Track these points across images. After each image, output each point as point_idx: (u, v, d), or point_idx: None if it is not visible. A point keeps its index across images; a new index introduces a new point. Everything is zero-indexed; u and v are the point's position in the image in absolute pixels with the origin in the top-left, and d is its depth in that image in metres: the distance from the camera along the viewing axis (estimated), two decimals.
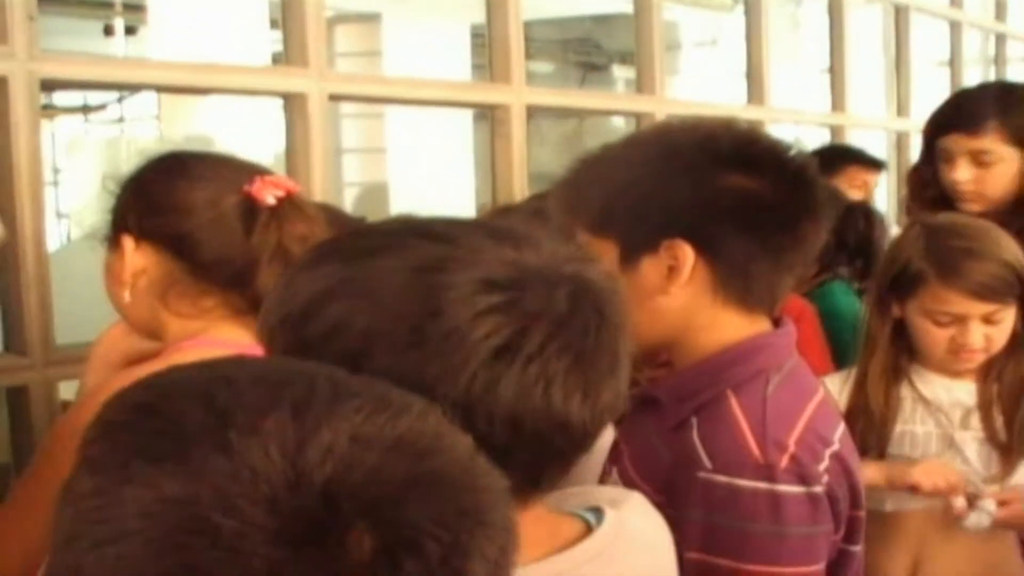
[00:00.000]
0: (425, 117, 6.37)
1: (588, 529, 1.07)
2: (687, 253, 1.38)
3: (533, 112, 3.56)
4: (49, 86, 2.43)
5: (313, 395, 0.77)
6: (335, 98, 2.91)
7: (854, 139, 5.11)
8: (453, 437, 0.79)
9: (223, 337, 1.62)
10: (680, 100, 4.09)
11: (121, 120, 9.91)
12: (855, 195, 3.69)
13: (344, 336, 0.97)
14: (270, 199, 1.63)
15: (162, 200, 1.64)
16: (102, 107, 9.64)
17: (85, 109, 10.19)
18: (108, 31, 7.85)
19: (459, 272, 0.96)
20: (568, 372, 0.96)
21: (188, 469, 0.72)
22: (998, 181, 2.60)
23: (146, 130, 10.20)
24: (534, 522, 0.98)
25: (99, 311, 2.12)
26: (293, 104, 2.85)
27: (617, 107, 4.22)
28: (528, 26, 8.30)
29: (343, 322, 0.97)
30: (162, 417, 0.76)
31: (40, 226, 2.42)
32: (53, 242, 9.69)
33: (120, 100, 9.35)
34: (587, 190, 1.50)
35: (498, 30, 3.43)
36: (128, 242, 1.64)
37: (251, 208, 1.63)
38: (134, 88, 2.38)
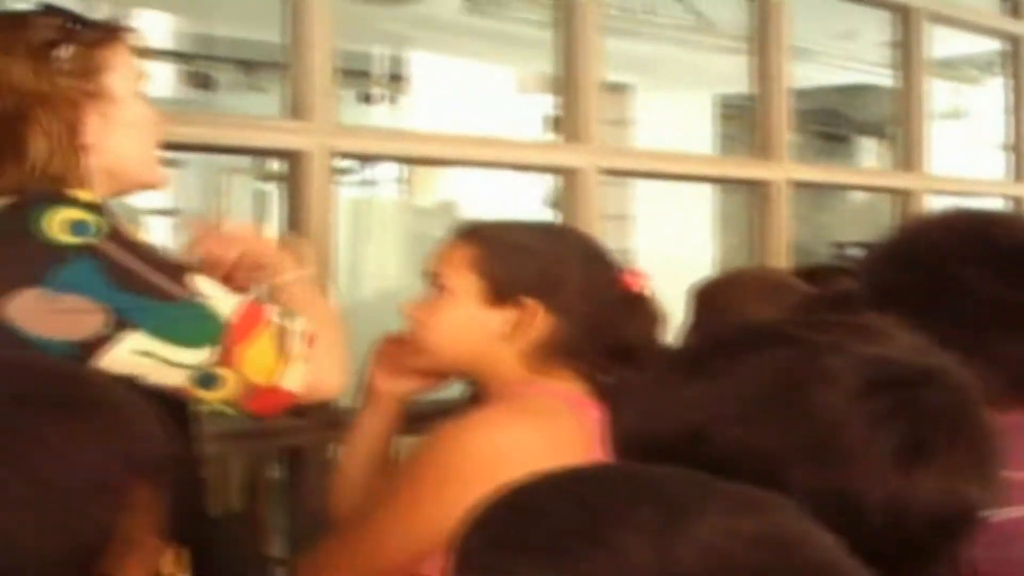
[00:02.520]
0: (672, 185, 6.41)
1: None
2: None
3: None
4: (363, 160, 2.53)
5: (681, 492, 0.79)
6: (607, 172, 2.95)
7: None
8: (819, 533, 0.80)
9: (559, 388, 1.78)
10: (943, 177, 3.99)
11: (370, 183, 10.20)
12: None
13: (709, 446, 0.98)
14: (642, 289, 1.86)
15: (581, 282, 1.82)
16: (350, 170, 9.93)
17: (335, 171, 10.48)
18: (366, 99, 8.11)
19: (835, 379, 0.96)
20: (972, 463, 0.97)
21: (564, 562, 0.75)
22: None
23: (391, 192, 10.49)
24: None
25: None
26: (568, 178, 2.91)
27: (880, 183, 4.16)
28: None
29: (709, 433, 0.99)
30: (536, 515, 0.80)
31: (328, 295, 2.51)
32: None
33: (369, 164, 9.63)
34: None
35: (764, 104, 3.44)
36: (538, 308, 1.79)
37: (629, 296, 1.86)
38: (423, 163, 2.46)
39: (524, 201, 10.08)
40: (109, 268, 1.58)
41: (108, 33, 1.78)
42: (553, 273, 1.80)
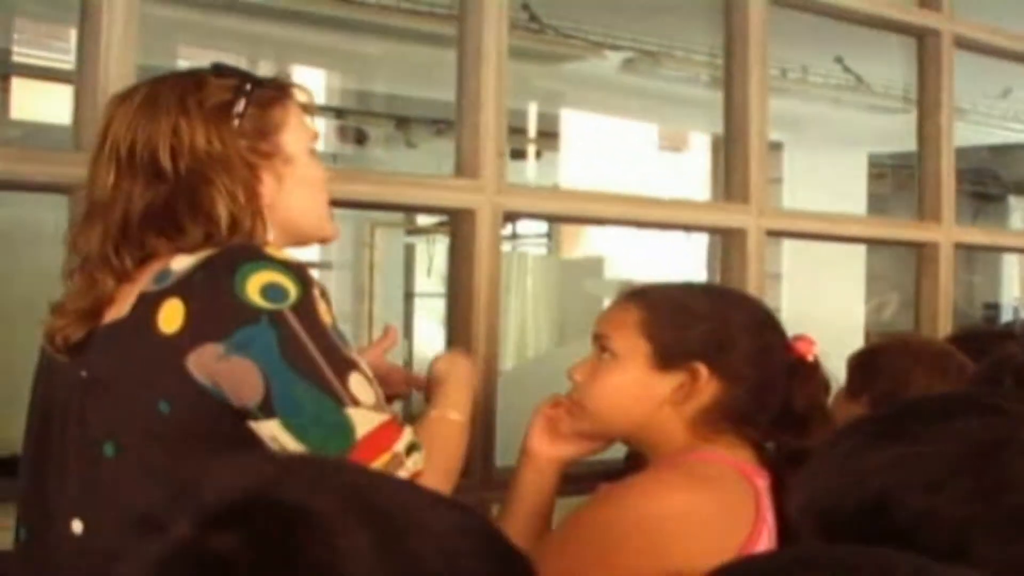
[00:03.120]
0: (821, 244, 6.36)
1: None
2: None
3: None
4: (508, 217, 2.56)
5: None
6: (771, 233, 2.94)
7: None
8: None
9: (726, 455, 1.77)
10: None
11: (515, 237, 10.29)
12: None
13: (892, 515, 0.96)
14: (810, 356, 1.86)
15: (749, 347, 1.82)
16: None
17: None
18: (515, 155, 8.19)
19: None
20: None
21: None
22: None
23: (537, 248, 10.56)
24: None
25: None
26: (731, 239, 2.90)
27: None
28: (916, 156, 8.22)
29: (894, 501, 0.96)
30: None
31: (493, 351, 2.53)
32: (438, 350, 10.09)
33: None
34: None
35: (928, 165, 3.40)
36: (703, 371, 1.78)
37: (797, 363, 1.85)
38: (589, 222, 2.48)
39: (672, 258, 10.11)
40: (285, 339, 1.59)
41: (280, 91, 1.83)
42: (722, 337, 1.80)
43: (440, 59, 5.78)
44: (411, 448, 1.66)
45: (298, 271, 1.64)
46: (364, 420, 1.61)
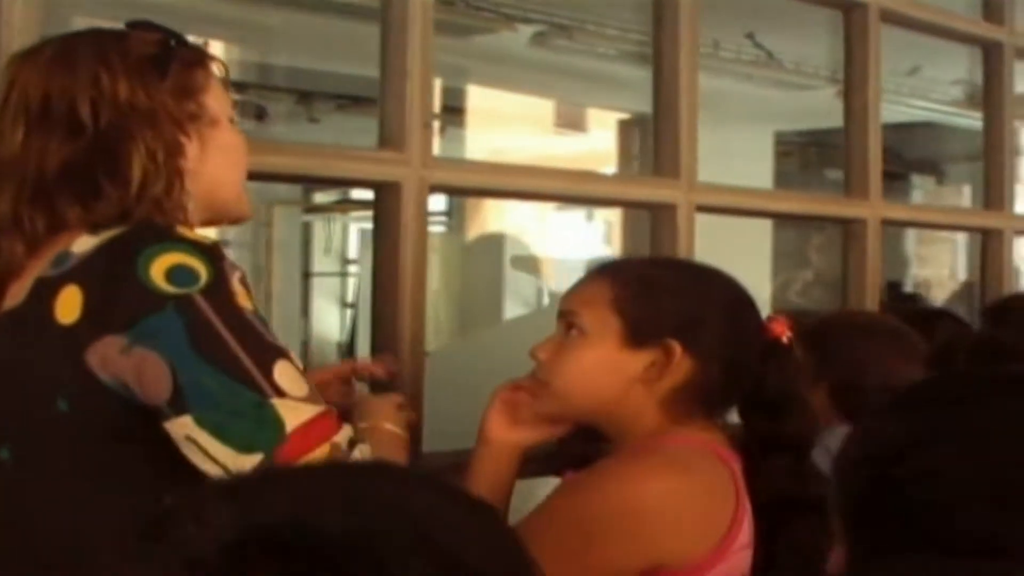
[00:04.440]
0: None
1: None
2: None
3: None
4: (433, 190, 2.44)
5: None
6: (702, 209, 2.85)
7: None
8: None
9: (701, 438, 1.68)
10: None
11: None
12: None
13: (935, 485, 0.95)
14: (784, 338, 1.77)
15: (728, 322, 1.72)
16: None
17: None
18: None
19: None
20: None
21: None
22: None
23: (436, 227, 10.44)
24: None
25: (468, 420, 2.10)
26: (662, 215, 2.82)
27: (965, 223, 4.04)
28: (827, 134, 8.21)
29: (937, 470, 0.96)
30: None
31: (420, 330, 2.42)
32: (339, 330, 9.87)
33: None
34: None
35: (855, 142, 3.34)
36: (677, 348, 1.67)
37: (773, 344, 1.77)
38: (514, 196, 2.37)
39: (578, 238, 10.05)
40: (195, 326, 1.44)
41: (201, 55, 1.69)
42: (696, 314, 1.69)
43: (345, 31, 5.64)
44: (352, 442, 1.53)
45: (210, 251, 1.48)
46: (294, 411, 1.46)
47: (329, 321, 10.86)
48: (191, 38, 1.71)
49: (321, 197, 10.93)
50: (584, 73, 6.12)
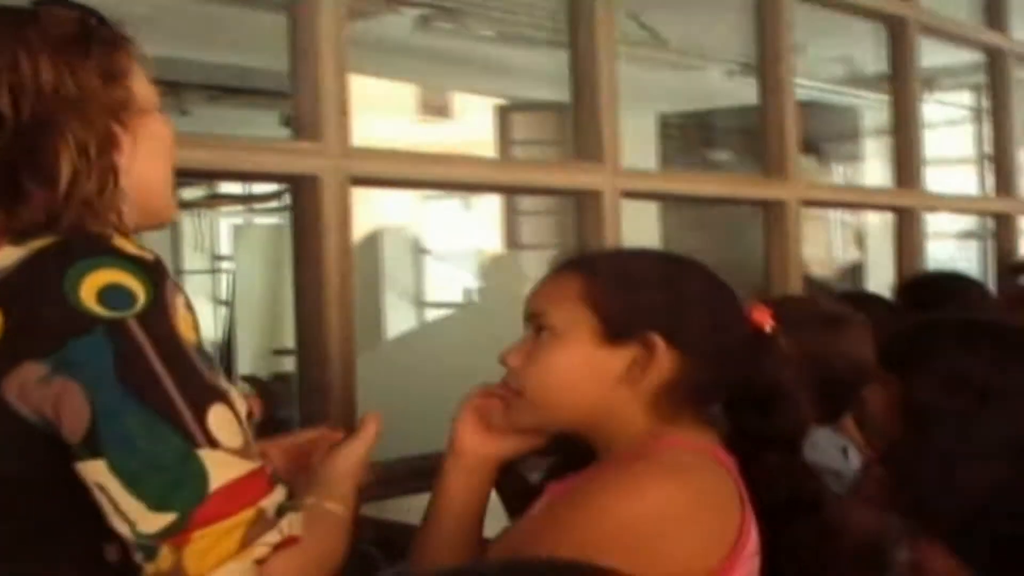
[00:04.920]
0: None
1: None
2: None
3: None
4: (355, 183, 2.27)
5: None
6: (628, 195, 2.73)
7: None
8: None
9: (696, 440, 1.53)
10: (941, 195, 3.87)
11: (287, 209, 9.93)
12: None
13: None
14: (767, 327, 1.62)
15: (710, 312, 1.57)
16: (268, 197, 9.66)
17: (250, 199, 10.23)
18: (286, 122, 7.82)
19: None
20: None
21: None
22: None
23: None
24: None
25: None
26: (586, 201, 2.69)
27: (882, 202, 3.98)
28: (708, 115, 8.19)
29: None
30: None
31: (349, 334, 2.26)
32: (214, 329, 9.57)
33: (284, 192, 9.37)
34: None
35: (773, 120, 3.25)
36: (659, 342, 1.51)
37: (756, 334, 1.62)
38: (439, 186, 2.23)
39: (466, 231, 9.90)
40: (125, 355, 1.24)
41: (122, 36, 1.46)
42: (675, 303, 1.54)
43: (218, 17, 5.40)
44: (283, 508, 1.31)
45: (151, 270, 1.28)
46: (223, 466, 1.26)
47: (203, 320, 10.57)
48: None
49: (189, 193, 10.61)
50: (460, 58, 5.96)
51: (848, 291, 3.41)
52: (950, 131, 7.71)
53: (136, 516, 1.23)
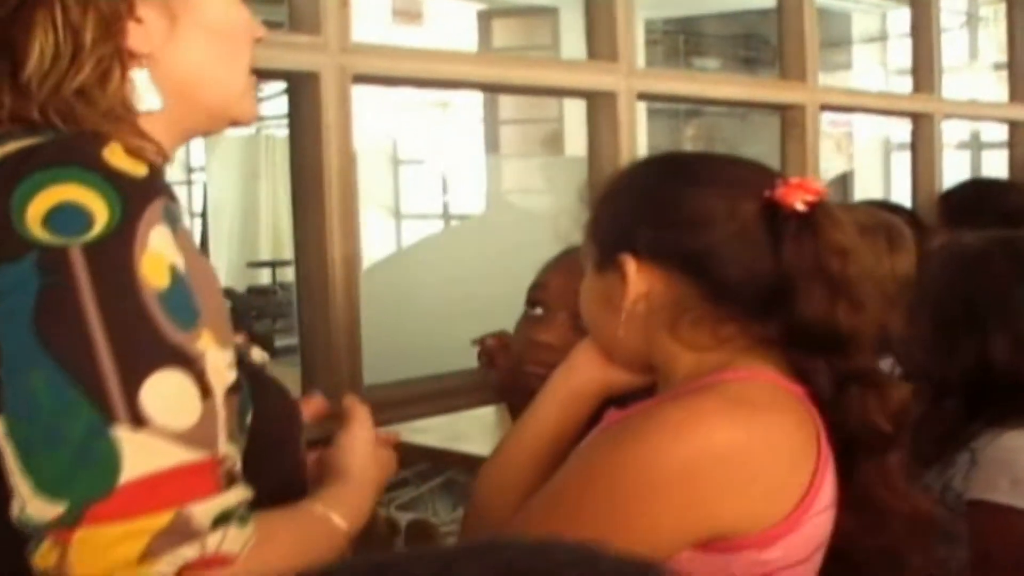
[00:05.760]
0: None
1: None
2: None
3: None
4: (356, 80, 2.07)
5: None
6: (643, 97, 2.55)
7: None
8: None
9: (755, 368, 1.31)
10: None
11: (260, 119, 9.68)
12: None
13: None
14: (799, 205, 1.31)
15: (677, 211, 1.34)
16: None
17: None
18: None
19: None
20: None
21: None
22: None
23: (282, 130, 9.97)
24: None
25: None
26: (599, 102, 2.51)
27: (901, 107, 3.79)
28: (694, 21, 7.97)
29: None
30: None
31: (353, 247, 2.07)
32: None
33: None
34: None
35: (792, 24, 3.06)
36: (630, 262, 1.33)
37: (777, 216, 1.31)
38: (447, 85, 2.04)
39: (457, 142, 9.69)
40: (52, 294, 1.00)
41: None
42: (644, 215, 1.35)
43: None
44: (224, 518, 1.05)
45: (131, 190, 1.05)
46: (144, 452, 1.00)
47: None
48: None
49: None
50: None
51: (876, 201, 3.23)
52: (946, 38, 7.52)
53: (25, 495, 1.00)
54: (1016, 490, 1.71)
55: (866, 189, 8.58)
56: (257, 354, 1.38)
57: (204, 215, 9.42)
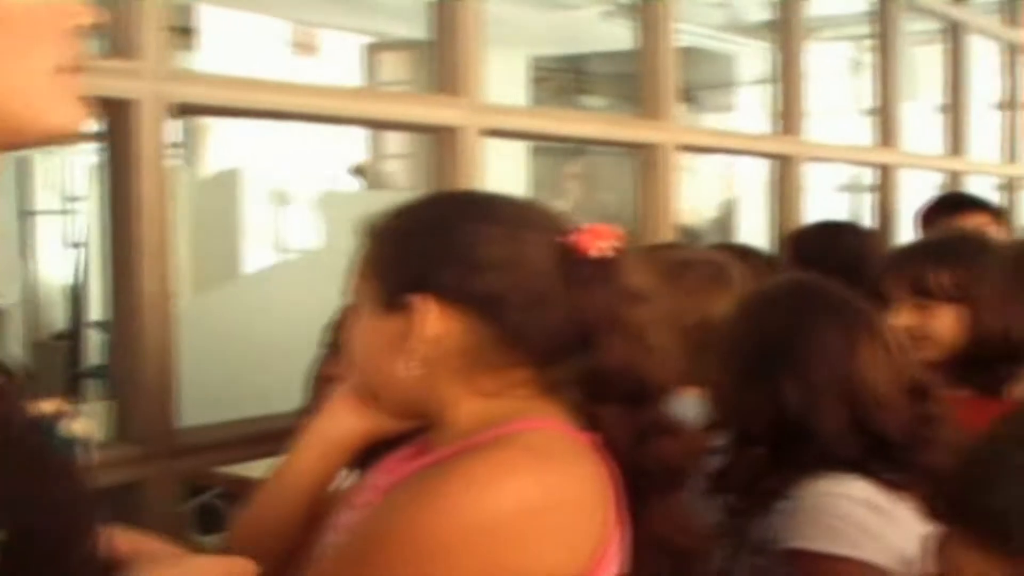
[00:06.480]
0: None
1: None
2: None
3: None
4: (178, 112, 1.98)
5: None
6: (491, 134, 2.48)
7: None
8: None
9: (546, 418, 1.26)
10: (822, 143, 3.71)
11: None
12: None
13: None
14: (592, 252, 1.28)
15: (472, 253, 1.27)
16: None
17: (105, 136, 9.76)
18: None
19: None
20: None
21: None
22: None
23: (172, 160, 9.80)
24: None
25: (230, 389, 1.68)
26: (445, 138, 2.44)
27: (762, 148, 3.77)
28: (583, 59, 7.96)
29: None
30: None
31: (167, 286, 1.97)
32: (67, 274, 9.19)
33: None
34: None
35: (650, 61, 3.02)
36: (427, 303, 1.26)
37: (571, 262, 1.28)
38: (274, 116, 1.95)
39: (328, 169, 9.56)
40: None
41: None
42: (439, 256, 1.28)
43: None
44: None
45: None
46: None
47: (56, 263, 10.07)
48: None
49: None
50: None
51: (725, 243, 3.20)
52: (826, 83, 7.60)
53: None
54: (834, 536, 1.66)
55: (752, 232, 8.63)
56: (81, 426, 1.16)
57: (85, 245, 9.19)
